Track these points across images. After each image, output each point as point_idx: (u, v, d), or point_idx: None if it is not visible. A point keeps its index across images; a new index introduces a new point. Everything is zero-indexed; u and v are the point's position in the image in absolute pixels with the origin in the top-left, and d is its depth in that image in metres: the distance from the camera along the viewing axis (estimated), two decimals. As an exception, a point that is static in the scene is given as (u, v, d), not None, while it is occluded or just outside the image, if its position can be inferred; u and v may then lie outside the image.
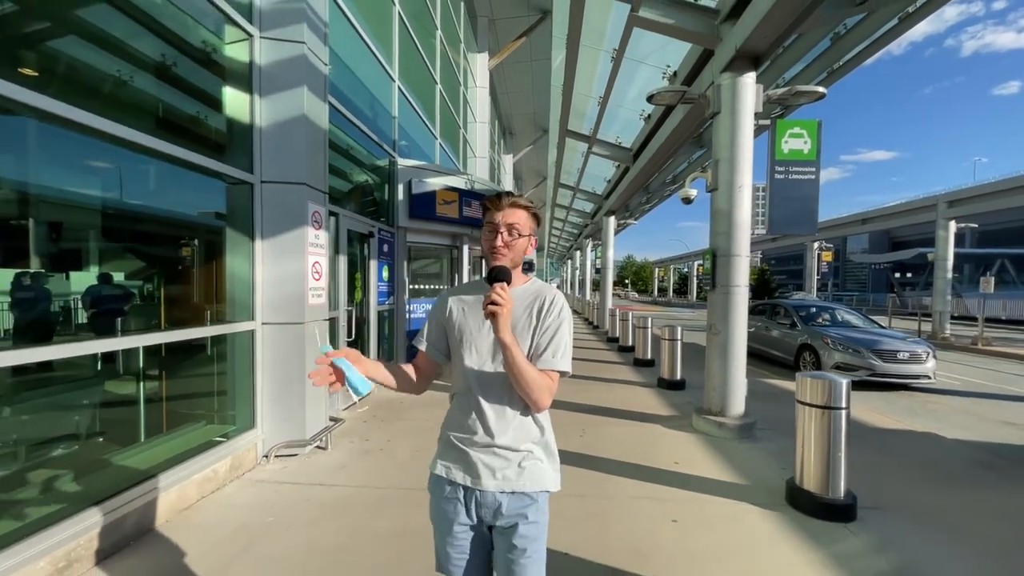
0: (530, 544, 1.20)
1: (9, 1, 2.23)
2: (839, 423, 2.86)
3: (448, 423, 1.31)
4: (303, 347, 3.65)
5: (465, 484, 1.22)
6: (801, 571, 2.31)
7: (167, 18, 3.04)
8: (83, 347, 2.37)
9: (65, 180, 2.65)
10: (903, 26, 5.98)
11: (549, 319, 1.23)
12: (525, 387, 1.15)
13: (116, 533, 2.36)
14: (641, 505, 2.99)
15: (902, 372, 6.87)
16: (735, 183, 4.44)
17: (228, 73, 3.44)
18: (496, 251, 1.23)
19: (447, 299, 1.34)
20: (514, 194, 1.27)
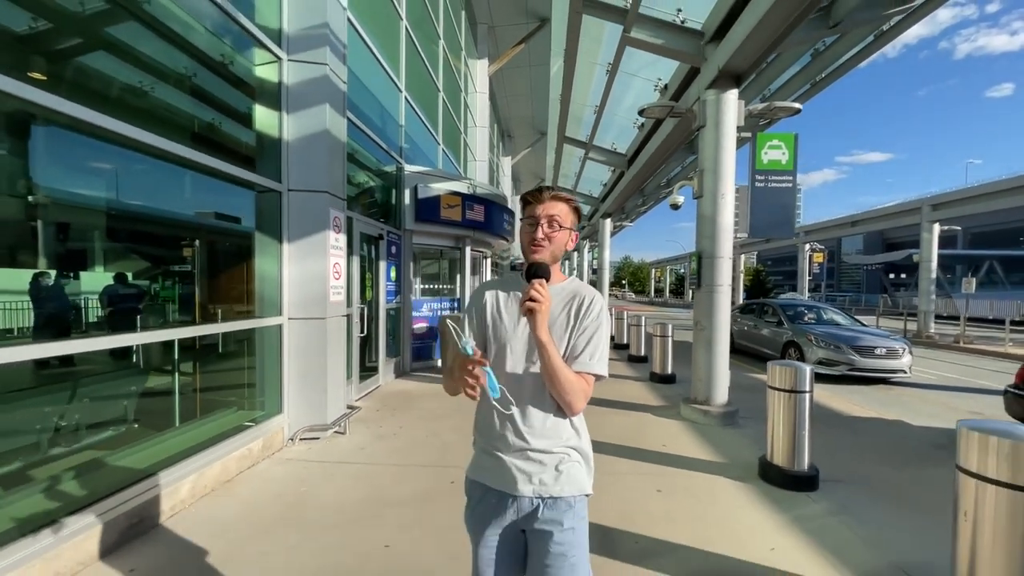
0: (569, 550, 1.15)
1: (99, 49, 2.61)
2: (803, 405, 3.26)
3: (481, 426, 1.26)
4: (325, 340, 4.02)
5: (501, 489, 1.18)
6: (764, 529, 2.70)
7: (211, 47, 3.41)
8: (134, 338, 2.74)
9: (124, 194, 3.02)
10: (879, 42, 6.42)
11: (587, 320, 1.19)
12: (559, 389, 1.11)
13: (174, 497, 2.73)
14: (630, 479, 3.38)
15: (880, 367, 7.29)
16: (719, 191, 4.84)
17: (260, 93, 3.81)
18: (536, 244, 1.18)
19: (484, 293, 1.30)
20: (554, 187, 1.24)
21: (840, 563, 2.36)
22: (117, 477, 2.54)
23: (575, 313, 1.19)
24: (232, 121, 3.73)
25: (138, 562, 2.26)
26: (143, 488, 2.54)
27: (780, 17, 4.10)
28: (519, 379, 1.18)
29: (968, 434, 1.87)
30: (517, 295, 1.21)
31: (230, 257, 3.83)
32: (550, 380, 1.11)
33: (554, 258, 1.21)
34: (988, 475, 1.78)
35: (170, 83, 3.18)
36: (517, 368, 1.19)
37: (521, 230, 1.24)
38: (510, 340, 1.20)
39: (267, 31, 3.75)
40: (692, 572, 2.26)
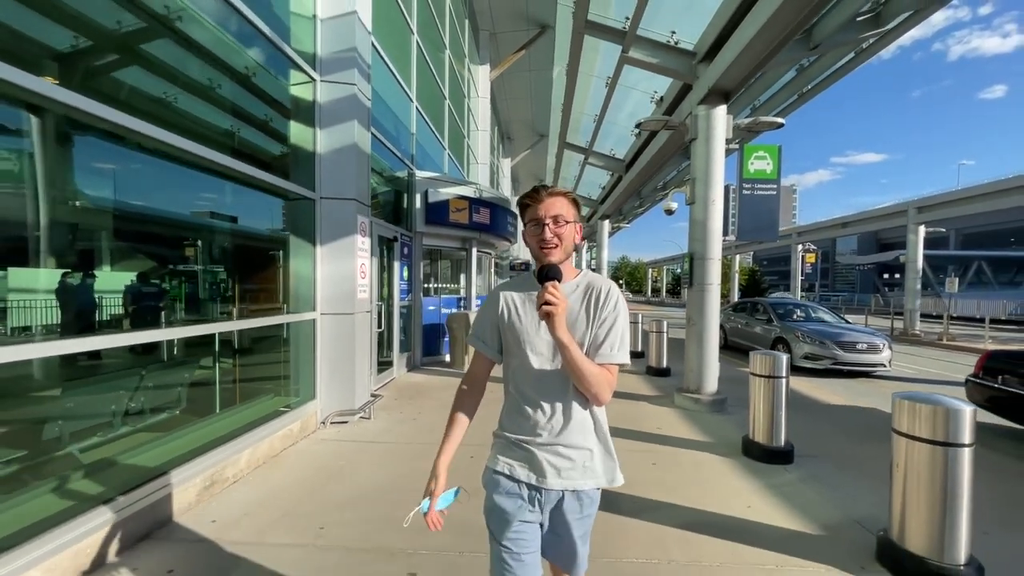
0: (585, 533, 1.29)
1: (175, 82, 3.03)
2: (780, 388, 3.72)
3: (507, 421, 1.31)
4: (353, 333, 4.45)
5: (529, 482, 1.23)
6: (743, 492, 3.16)
7: (255, 71, 3.83)
8: (188, 330, 3.17)
9: (188, 208, 3.45)
10: (859, 59, 6.90)
11: (606, 311, 1.21)
12: (585, 383, 1.14)
13: (236, 466, 3.16)
14: (629, 455, 3.83)
15: (861, 361, 7.77)
16: (709, 198, 5.30)
17: (296, 111, 4.24)
18: (546, 245, 1.20)
19: (499, 297, 1.32)
20: (548, 186, 1.25)
21: (805, 517, 2.82)
22: (189, 449, 2.96)
23: (593, 306, 1.22)
24: (273, 137, 4.15)
25: (218, 514, 2.70)
26: (212, 458, 2.97)
27: (764, 41, 4.55)
28: (546, 378, 1.22)
29: (900, 403, 2.33)
30: (532, 296, 1.22)
31: (270, 259, 4.26)
32: (575, 376, 1.14)
33: (566, 254, 1.24)
34: (914, 434, 2.24)
35: (225, 110, 3.60)
36: (543, 367, 1.22)
37: (527, 233, 1.24)
38: (532, 341, 1.23)
39: (303, 55, 4.17)
40: (680, 523, 2.71)
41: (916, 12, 5.42)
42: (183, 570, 2.19)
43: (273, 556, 2.29)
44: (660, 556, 2.37)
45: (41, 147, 2.23)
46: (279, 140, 4.18)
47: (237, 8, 3.37)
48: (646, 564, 2.30)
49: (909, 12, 5.37)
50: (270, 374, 4.23)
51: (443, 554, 2.32)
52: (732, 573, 2.26)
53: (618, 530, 2.61)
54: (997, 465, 3.91)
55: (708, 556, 2.39)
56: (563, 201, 1.22)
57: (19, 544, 1.88)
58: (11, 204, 2.16)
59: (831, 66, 7.03)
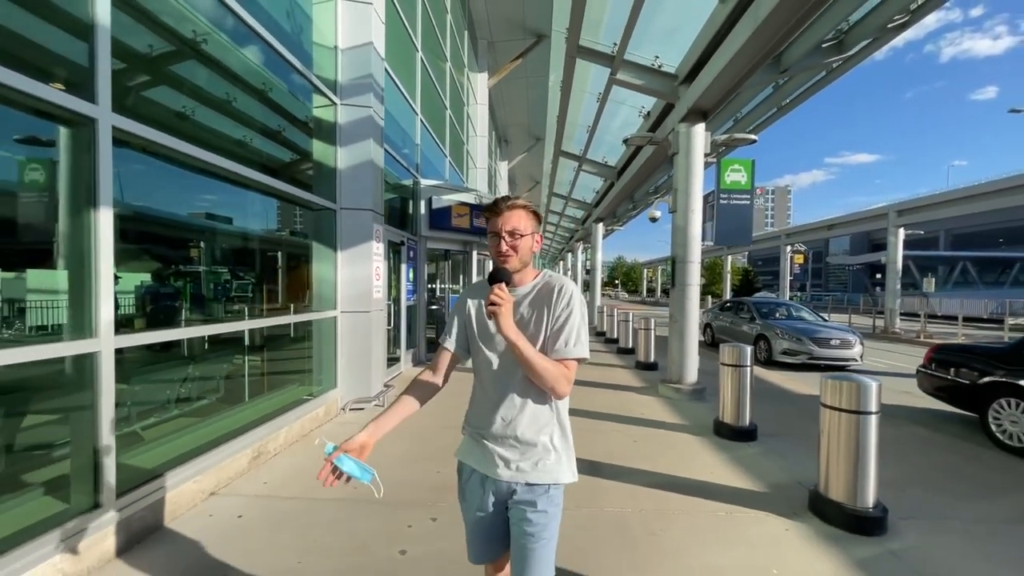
0: (539, 531, 1.26)
1: (223, 113, 3.55)
2: (745, 376, 4.28)
3: (469, 414, 1.41)
4: (369, 329, 4.98)
5: (485, 472, 1.32)
6: (708, 462, 3.71)
7: (283, 97, 4.36)
8: (234, 326, 3.69)
9: (235, 220, 3.97)
10: (830, 77, 7.47)
11: (559, 309, 1.26)
12: (538, 378, 1.20)
13: (275, 443, 3.69)
14: (613, 434, 4.38)
15: (834, 356, 8.37)
16: (689, 207, 5.86)
17: (319, 131, 4.76)
18: (503, 256, 1.26)
19: (466, 299, 1.40)
20: (510, 197, 1.29)
21: (757, 480, 3.38)
22: (238, 426, 3.49)
23: (549, 304, 1.27)
24: (299, 155, 4.67)
25: (268, 478, 3.23)
26: (258, 434, 3.50)
27: (737, 67, 5.10)
28: (501, 372, 1.29)
29: (825, 382, 2.89)
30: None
31: (298, 263, 4.77)
32: (528, 371, 1.20)
33: (523, 263, 1.30)
34: (836, 405, 2.80)
35: (257, 131, 4.11)
36: (502, 364, 1.29)
37: (488, 243, 1.31)
38: (488, 339, 1.32)
39: (326, 82, 4.70)
40: (651, 484, 3.26)
41: (875, 39, 6.00)
42: (248, 516, 2.72)
43: (319, 507, 2.83)
44: (633, 507, 2.92)
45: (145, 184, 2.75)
46: (305, 157, 4.70)
47: (271, 44, 3.88)
48: (621, 512, 2.85)
49: (869, 40, 5.96)
50: (298, 365, 4.75)
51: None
52: (691, 517, 2.81)
53: (599, 489, 3.16)
54: (934, 442, 4.48)
55: (673, 507, 2.94)
56: (521, 214, 1.27)
57: (141, 483, 2.40)
58: (128, 217, 2.68)
59: (804, 83, 7.61)
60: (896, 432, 4.70)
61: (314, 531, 2.56)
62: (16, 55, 2.04)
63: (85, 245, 2.18)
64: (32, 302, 2.30)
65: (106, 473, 2.25)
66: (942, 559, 2.44)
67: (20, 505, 2.08)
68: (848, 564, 2.36)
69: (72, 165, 2.20)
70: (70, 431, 2.26)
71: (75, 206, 2.20)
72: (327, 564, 2.27)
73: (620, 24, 5.67)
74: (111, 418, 2.27)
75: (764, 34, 4.41)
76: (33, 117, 2.10)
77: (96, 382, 2.21)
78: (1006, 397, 4.32)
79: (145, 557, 2.29)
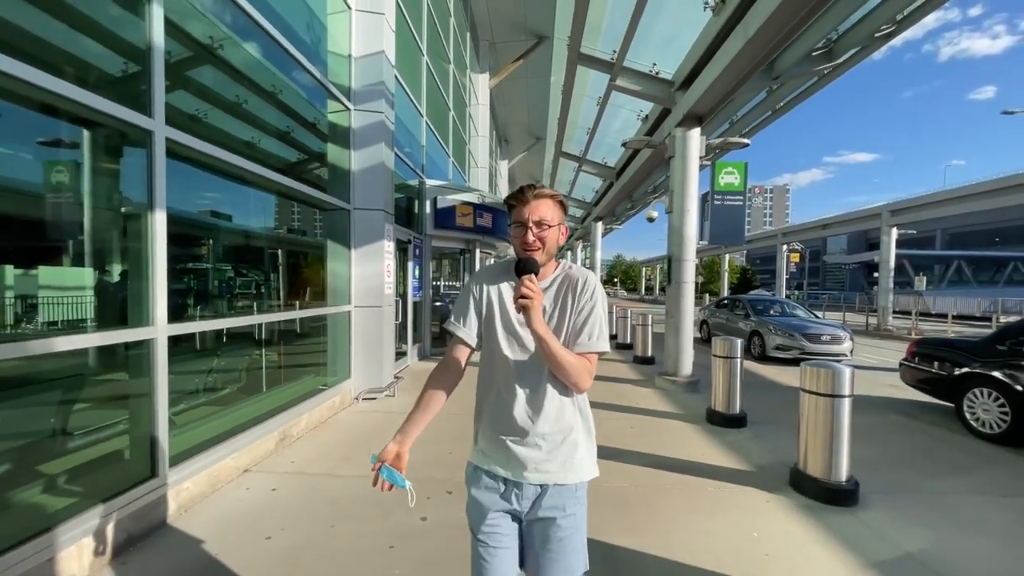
0: (570, 535, 1.20)
1: (246, 122, 3.81)
2: (736, 367, 4.57)
3: (484, 413, 1.29)
4: (381, 323, 5.25)
5: (506, 476, 1.22)
6: (699, 445, 4.00)
7: (301, 104, 4.62)
8: (262, 318, 3.97)
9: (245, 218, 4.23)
10: (821, 83, 7.75)
11: (583, 301, 1.22)
12: (564, 373, 1.15)
13: (298, 426, 3.97)
14: (613, 421, 4.67)
15: (825, 351, 8.66)
16: (685, 208, 6.14)
17: (334, 135, 5.02)
18: (528, 248, 1.19)
19: (481, 284, 1.30)
20: (536, 185, 1.22)
21: (744, 461, 3.67)
22: (265, 411, 3.76)
23: (572, 297, 1.23)
24: (315, 158, 4.94)
25: (294, 458, 3.51)
26: (283, 419, 3.78)
27: (730, 76, 5.38)
28: (524, 368, 1.22)
29: (804, 369, 3.17)
30: (510, 286, 1.25)
31: (315, 261, 5.04)
32: (554, 367, 1.15)
33: (549, 256, 1.23)
34: (814, 390, 3.08)
35: (279, 138, 4.38)
36: (520, 357, 1.22)
37: (512, 233, 1.23)
38: (509, 330, 1.24)
39: (341, 88, 4.96)
40: (647, 464, 3.55)
41: (864, 48, 6.28)
42: (282, 489, 3.00)
43: (345, 483, 3.11)
44: (630, 482, 3.21)
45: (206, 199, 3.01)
46: (321, 161, 4.97)
47: (294, 56, 4.13)
48: (619, 487, 3.14)
49: (857, 48, 6.23)
50: (316, 358, 5.02)
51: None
52: (682, 491, 3.10)
53: (602, 466, 3.44)
54: (911, 428, 4.77)
55: (667, 483, 3.23)
56: (548, 204, 1.21)
57: (188, 458, 2.68)
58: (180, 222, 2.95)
59: (797, 88, 7.89)
60: (877, 420, 5.00)
61: (342, 502, 2.85)
62: (85, 77, 2.30)
63: (143, 244, 2.45)
64: (95, 295, 2.57)
65: (161, 447, 2.53)
66: (903, 524, 2.73)
67: (95, 471, 2.35)
68: (819, 528, 2.65)
69: (131, 173, 2.46)
70: (130, 409, 2.54)
71: (134, 209, 2.47)
72: (358, 527, 2.55)
73: (620, 32, 5.94)
74: (165, 398, 2.55)
75: (754, 46, 4.69)
76: (100, 130, 2.37)
77: (153, 366, 2.49)
78: (979, 387, 4.62)
79: (194, 522, 2.57)
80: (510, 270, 1.26)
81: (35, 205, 2.28)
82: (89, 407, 2.50)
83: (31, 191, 2.27)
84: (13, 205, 2.21)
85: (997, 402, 4.43)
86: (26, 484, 2.12)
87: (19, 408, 2.20)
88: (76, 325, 2.36)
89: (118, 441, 2.53)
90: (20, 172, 2.20)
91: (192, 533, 2.46)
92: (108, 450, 2.49)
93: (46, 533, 1.96)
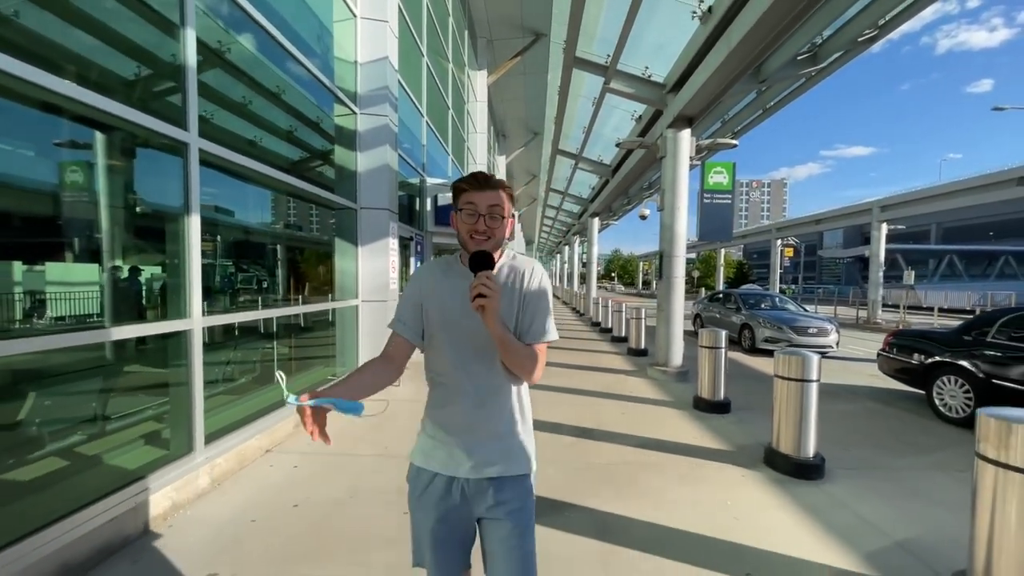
0: (521, 527, 1.21)
1: (262, 128, 4.07)
2: (720, 357, 4.88)
3: (431, 410, 1.27)
4: (386, 316, 5.53)
5: (454, 473, 1.20)
6: (686, 429, 4.32)
7: (309, 108, 4.87)
8: (273, 312, 4.25)
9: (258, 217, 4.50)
10: (810, 83, 8.01)
11: (530, 292, 1.22)
12: (519, 367, 1.16)
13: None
14: (605, 408, 4.98)
15: (812, 343, 9.00)
16: (676, 206, 6.43)
17: (341, 138, 5.28)
18: (479, 235, 1.16)
19: (423, 279, 1.27)
20: (487, 174, 1.20)
21: (725, 441, 3.99)
22: (282, 399, 4.05)
23: (519, 288, 1.22)
24: (324, 160, 5.20)
25: (313, 442, 3.80)
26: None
27: (718, 80, 5.64)
28: (468, 364, 1.20)
29: (777, 356, 3.48)
30: (458, 280, 1.22)
31: (323, 257, 5.32)
32: (510, 361, 1.15)
33: (497, 246, 1.20)
34: (785, 375, 3.39)
35: (290, 142, 4.64)
36: (466, 353, 1.20)
37: (459, 218, 1.19)
38: (456, 326, 1.20)
39: (348, 94, 5.21)
40: (635, 444, 3.86)
41: (847, 52, 6.55)
42: (302, 466, 3.30)
43: (360, 460, 3.41)
44: (619, 460, 3.53)
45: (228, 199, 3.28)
46: (329, 162, 5.23)
47: (306, 65, 4.39)
48: (609, 463, 3.46)
49: (841, 52, 6.50)
50: (325, 349, 5.32)
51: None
52: (665, 467, 3.42)
53: (590, 448, 3.77)
54: (884, 414, 5.10)
55: (652, 461, 3.55)
56: (501, 194, 1.18)
57: (219, 437, 2.97)
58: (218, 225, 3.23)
59: (786, 89, 8.15)
60: (854, 406, 5.34)
61: (360, 475, 3.15)
62: (130, 94, 2.57)
63: (182, 245, 2.73)
64: (137, 290, 2.85)
65: (196, 426, 2.82)
66: (862, 494, 3.05)
67: (145, 444, 2.65)
68: (786, 497, 2.97)
69: (169, 180, 2.74)
70: (170, 392, 2.83)
71: (173, 213, 2.75)
72: (375, 496, 2.86)
73: (614, 37, 6.19)
74: (201, 384, 2.84)
75: (738, 54, 4.96)
76: (145, 143, 2.64)
77: (191, 354, 2.78)
78: (947, 375, 4.95)
79: (229, 492, 2.87)
80: (452, 266, 1.27)
81: (89, 210, 2.55)
82: (136, 390, 2.79)
83: (86, 199, 2.54)
84: (72, 210, 2.48)
85: (963, 388, 4.77)
86: (89, 456, 2.41)
87: (76, 391, 2.50)
88: (124, 317, 2.64)
89: (160, 421, 2.83)
90: (78, 180, 2.47)
91: (228, 501, 2.77)
92: (154, 428, 2.78)
93: (109, 496, 2.25)
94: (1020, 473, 1.78)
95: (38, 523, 1.99)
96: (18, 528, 1.93)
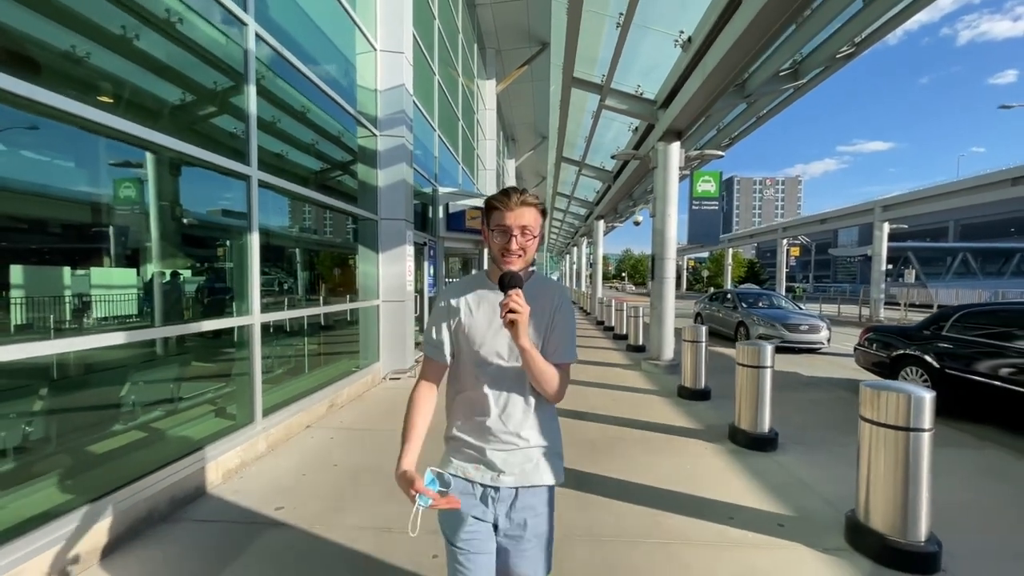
0: (540, 534, 1.27)
1: (293, 147, 4.78)
2: (701, 350, 5.46)
3: (458, 422, 1.32)
4: (404, 315, 6.22)
5: (483, 482, 1.25)
6: (668, 413, 4.91)
7: (336, 131, 5.57)
8: (308, 311, 4.95)
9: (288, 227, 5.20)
10: (797, 94, 8.49)
11: (558, 315, 1.28)
12: (546, 385, 1.21)
13: (341, 398, 4.96)
14: (598, 396, 5.59)
15: (803, 340, 9.46)
16: (667, 213, 6.99)
17: (363, 157, 5.97)
18: (511, 255, 1.20)
19: (450, 300, 1.31)
20: (519, 190, 1.21)
21: (699, 423, 4.58)
22: (318, 383, 4.75)
23: (547, 309, 1.28)
24: (349, 176, 5.90)
25: (342, 419, 4.49)
26: (331, 391, 4.77)
27: (702, 98, 6.18)
28: (502, 376, 1.25)
29: (739, 346, 4.06)
30: (486, 296, 1.27)
31: (348, 263, 6.02)
32: (536, 379, 1.20)
33: (527, 264, 1.25)
34: (745, 363, 3.97)
35: (320, 159, 5.33)
36: (499, 366, 1.25)
37: (491, 237, 1.23)
38: (487, 340, 1.25)
39: (368, 118, 5.90)
40: (618, 424, 4.47)
41: (826, 68, 7.04)
42: (338, 438, 3.99)
43: (386, 434, 4.09)
44: (601, 435, 4.15)
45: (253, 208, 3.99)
46: (353, 178, 5.93)
47: (330, 95, 5.08)
48: (592, 438, 4.08)
49: (820, 68, 7.00)
50: (351, 343, 6.02)
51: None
52: (641, 442, 4.03)
53: (579, 426, 4.40)
54: (851, 402, 5.58)
55: (630, 436, 4.15)
56: (533, 212, 1.22)
57: (272, 412, 3.66)
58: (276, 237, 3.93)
59: (774, 101, 8.63)
60: (825, 395, 5.86)
61: (387, 445, 3.82)
62: (207, 136, 3.27)
63: (245, 256, 3.43)
64: (213, 294, 3.57)
65: (256, 401, 3.52)
66: (806, 463, 3.62)
67: (214, 416, 3.35)
68: (740, 463, 3.56)
69: (235, 204, 3.44)
70: (238, 375, 3.53)
71: (239, 231, 3.45)
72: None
73: (608, 58, 6.77)
74: (259, 367, 3.54)
75: (715, 78, 5.52)
76: (217, 176, 3.35)
77: (252, 344, 3.47)
78: (909, 366, 5.45)
79: (281, 455, 3.56)
80: (480, 283, 1.32)
81: (176, 230, 3.26)
82: (216, 371, 3.51)
83: (184, 222, 3.25)
84: (167, 229, 3.20)
85: (923, 378, 5.26)
86: (180, 423, 3.12)
87: (162, 378, 3.21)
88: (208, 314, 3.35)
89: (231, 399, 3.54)
90: (169, 205, 3.18)
91: (281, 462, 3.46)
92: (226, 403, 3.49)
93: (197, 451, 2.95)
94: (886, 428, 2.36)
95: (148, 469, 2.68)
96: (133, 473, 2.62)
